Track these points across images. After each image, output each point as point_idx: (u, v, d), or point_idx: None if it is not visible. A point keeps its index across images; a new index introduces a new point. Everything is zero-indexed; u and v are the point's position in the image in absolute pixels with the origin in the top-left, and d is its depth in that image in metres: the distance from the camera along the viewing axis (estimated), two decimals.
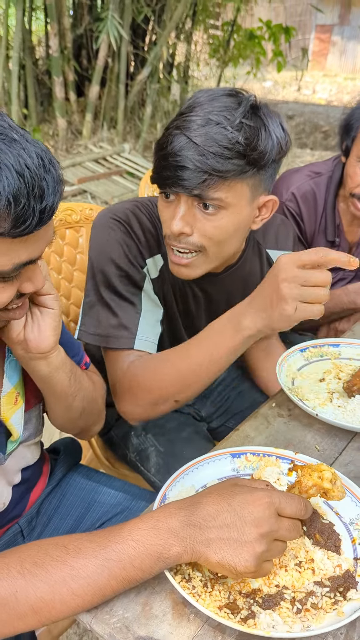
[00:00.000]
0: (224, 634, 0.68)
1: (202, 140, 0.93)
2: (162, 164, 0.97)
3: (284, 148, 1.01)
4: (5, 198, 0.59)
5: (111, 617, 0.69)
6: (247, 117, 0.95)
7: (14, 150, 0.60)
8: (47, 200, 0.62)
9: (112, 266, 1.08)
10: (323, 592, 0.71)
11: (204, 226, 0.99)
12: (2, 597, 0.66)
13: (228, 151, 0.93)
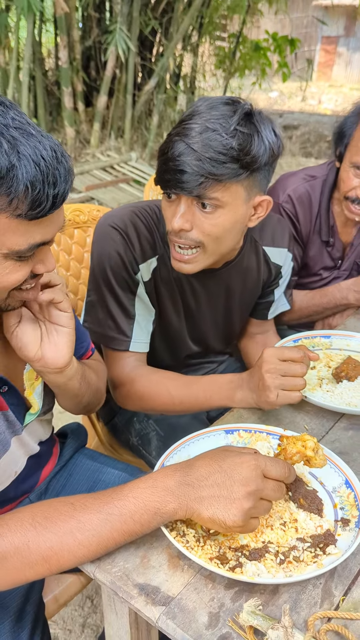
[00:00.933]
0: (214, 582, 0.75)
1: (199, 147, 1.01)
2: (164, 168, 1.05)
3: (276, 152, 1.09)
4: (23, 184, 0.67)
5: (113, 567, 0.77)
6: (241, 124, 1.03)
7: (32, 143, 0.69)
8: (59, 187, 0.71)
9: (110, 275, 1.18)
10: (304, 547, 0.78)
11: (202, 223, 1.07)
12: (15, 547, 0.74)
13: (223, 156, 1.01)
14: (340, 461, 0.92)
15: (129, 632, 0.88)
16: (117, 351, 1.21)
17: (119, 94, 6.57)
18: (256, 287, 1.36)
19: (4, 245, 0.72)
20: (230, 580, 0.75)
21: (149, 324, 1.24)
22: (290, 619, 0.66)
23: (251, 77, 9.24)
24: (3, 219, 0.69)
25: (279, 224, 1.38)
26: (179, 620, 0.70)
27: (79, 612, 1.69)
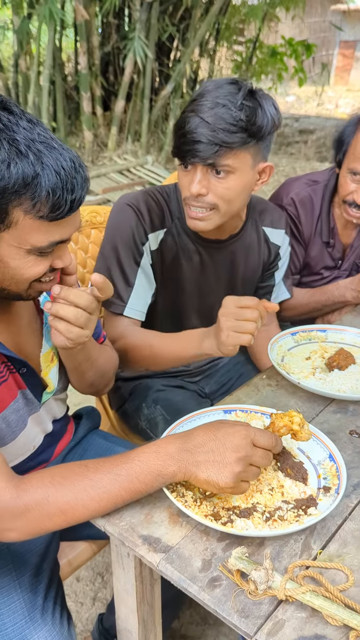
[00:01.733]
0: (208, 535, 0.86)
1: (212, 120, 1.15)
2: (182, 140, 1.19)
3: (277, 123, 1.24)
4: (45, 190, 0.79)
5: (120, 521, 0.88)
6: (247, 99, 1.17)
7: (54, 155, 0.81)
8: (77, 193, 0.83)
9: (118, 244, 1.33)
10: (289, 507, 0.89)
11: (216, 188, 1.21)
12: (36, 500, 0.86)
13: (233, 127, 1.15)
14: (326, 438, 1.03)
15: (134, 585, 0.99)
16: (113, 314, 1.35)
17: (137, 98, 6.72)
18: (257, 265, 1.50)
19: (28, 242, 0.84)
20: (222, 534, 0.86)
21: (148, 296, 1.38)
22: (271, 563, 0.76)
23: (268, 81, 9.34)
24: (27, 220, 0.81)
25: (277, 210, 1.54)
26: (177, 565, 0.81)
27: (90, 587, 1.80)
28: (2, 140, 0.78)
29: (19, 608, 1.02)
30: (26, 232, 0.83)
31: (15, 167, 0.78)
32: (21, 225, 0.82)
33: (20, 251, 0.85)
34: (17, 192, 0.79)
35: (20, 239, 0.83)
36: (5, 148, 0.78)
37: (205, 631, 1.66)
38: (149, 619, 1.07)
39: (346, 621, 0.72)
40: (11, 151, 0.79)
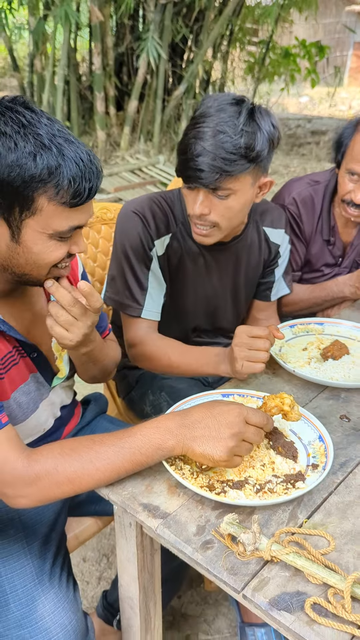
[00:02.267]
0: (203, 505, 0.94)
1: (213, 148, 1.21)
2: (185, 166, 1.26)
3: (275, 141, 1.30)
4: (67, 179, 0.88)
5: (123, 490, 0.96)
6: (246, 124, 1.23)
7: (73, 148, 0.90)
8: (93, 182, 0.92)
9: (129, 251, 1.40)
10: (278, 481, 0.96)
11: (218, 208, 1.29)
12: (46, 470, 0.94)
13: (233, 155, 1.21)
14: (317, 421, 1.10)
15: (135, 554, 1.07)
16: (132, 317, 1.43)
17: (149, 98, 6.81)
18: (258, 263, 1.57)
19: (51, 227, 0.92)
20: (215, 503, 0.93)
21: (160, 297, 1.46)
22: (258, 527, 0.84)
23: (281, 82, 9.39)
24: (51, 206, 0.90)
25: (277, 210, 1.60)
26: (173, 529, 0.89)
27: (95, 567, 1.89)
28: (28, 134, 0.87)
29: (29, 572, 1.10)
30: (49, 217, 0.92)
31: (41, 158, 0.87)
32: (45, 212, 0.90)
33: (43, 236, 0.93)
34: (43, 180, 0.88)
35: (44, 224, 0.92)
36: (31, 142, 0.87)
37: (205, 610, 1.74)
38: (149, 587, 1.15)
39: (325, 579, 0.79)
40: (36, 144, 0.87)
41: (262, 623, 1.58)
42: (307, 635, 0.74)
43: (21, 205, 0.90)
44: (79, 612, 1.09)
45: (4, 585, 1.08)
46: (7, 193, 0.88)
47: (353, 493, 0.97)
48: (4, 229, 0.93)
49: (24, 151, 0.87)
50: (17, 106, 0.89)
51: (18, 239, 0.94)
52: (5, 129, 0.86)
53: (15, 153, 0.87)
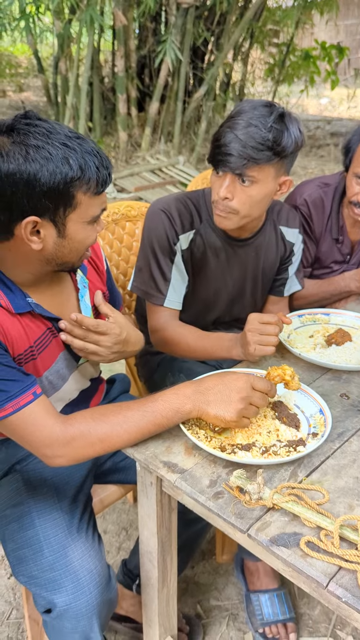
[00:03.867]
0: (216, 463, 1.08)
1: (244, 137, 1.36)
2: (217, 151, 1.40)
3: (299, 144, 1.44)
4: (93, 171, 1.04)
5: (146, 450, 1.11)
6: (276, 122, 1.38)
7: (86, 144, 1.05)
8: (108, 169, 1.08)
9: (155, 245, 1.55)
10: (281, 445, 1.10)
11: (241, 194, 1.42)
12: (80, 431, 1.09)
13: (261, 145, 1.36)
14: (319, 397, 1.23)
15: (155, 511, 1.22)
16: (155, 305, 1.58)
17: (170, 100, 6.96)
18: (275, 260, 1.71)
19: (88, 214, 1.08)
20: (226, 462, 1.08)
21: (182, 288, 1.60)
22: (262, 479, 0.98)
23: (301, 83, 9.47)
24: (86, 198, 1.06)
25: (292, 211, 1.74)
26: (190, 482, 1.03)
27: (115, 539, 2.04)
28: (54, 142, 1.02)
29: (60, 525, 1.25)
30: (86, 207, 1.08)
31: (72, 160, 1.02)
32: (83, 204, 1.06)
33: (83, 224, 1.09)
34: (79, 178, 1.03)
35: (83, 214, 1.08)
36: (60, 148, 1.02)
37: (216, 580, 1.88)
38: (167, 542, 1.29)
39: (318, 523, 0.93)
40: (64, 149, 1.02)
41: (265, 590, 1.72)
42: (301, 566, 0.88)
43: (65, 205, 1.05)
44: (103, 560, 1.24)
45: (39, 535, 1.23)
46: (53, 198, 1.03)
47: (348, 457, 1.11)
48: (51, 229, 1.08)
49: (58, 157, 1.01)
50: (33, 120, 1.04)
51: (64, 234, 1.10)
52: (36, 142, 1.00)
53: (52, 161, 1.01)
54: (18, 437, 1.10)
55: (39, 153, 1.01)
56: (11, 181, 1.00)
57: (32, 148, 1.00)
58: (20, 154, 1.00)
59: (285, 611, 1.68)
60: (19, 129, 1.02)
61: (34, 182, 1.00)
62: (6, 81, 12.29)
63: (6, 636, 1.68)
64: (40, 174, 1.00)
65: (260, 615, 1.68)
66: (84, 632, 1.19)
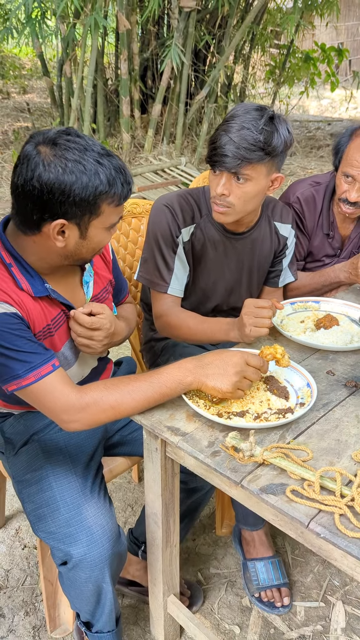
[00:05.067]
0: (213, 428, 1.22)
1: (237, 139, 1.50)
2: (214, 153, 1.55)
3: (289, 143, 1.58)
4: (120, 186, 1.18)
5: (152, 417, 1.25)
6: (266, 125, 1.52)
7: (114, 161, 1.19)
8: (130, 185, 1.22)
9: (159, 238, 1.69)
10: (272, 412, 1.24)
11: (236, 191, 1.57)
12: (94, 399, 1.23)
13: (253, 146, 1.50)
14: (306, 372, 1.38)
15: (159, 474, 1.36)
16: (159, 293, 1.72)
17: (173, 102, 7.10)
18: (269, 253, 1.85)
19: (108, 222, 1.23)
20: (223, 427, 1.22)
21: (184, 277, 1.75)
22: (254, 438, 1.12)
23: (300, 86, 9.61)
24: (110, 208, 1.21)
25: (285, 208, 1.89)
26: (190, 443, 1.18)
27: (121, 514, 2.18)
28: (89, 157, 1.16)
29: (74, 487, 1.39)
30: (108, 216, 1.23)
31: (103, 175, 1.17)
32: (105, 212, 1.21)
33: (102, 230, 1.24)
34: (107, 192, 1.18)
35: (105, 221, 1.23)
36: (93, 162, 1.16)
37: (216, 550, 2.02)
38: (170, 504, 1.43)
39: (302, 475, 1.07)
40: (96, 163, 1.16)
41: (260, 557, 1.86)
42: (286, 509, 1.02)
43: (90, 212, 1.20)
44: (114, 518, 1.38)
45: (56, 495, 1.37)
46: (82, 207, 1.18)
47: (331, 424, 1.25)
48: (74, 231, 1.23)
49: (91, 172, 1.16)
50: (72, 136, 1.18)
51: (85, 236, 1.24)
52: (74, 157, 1.15)
53: (86, 175, 1.16)
54: (39, 403, 1.24)
55: (76, 167, 1.15)
56: (49, 188, 1.14)
57: (71, 162, 1.14)
58: (60, 166, 1.14)
59: (280, 577, 1.82)
60: (60, 143, 1.16)
61: (69, 191, 1.15)
62: (10, 83, 12.46)
63: (21, 600, 1.82)
64: (75, 185, 1.14)
65: (257, 580, 1.82)
66: (96, 581, 1.33)
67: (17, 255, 1.28)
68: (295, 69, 8.91)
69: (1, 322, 1.18)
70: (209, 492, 1.70)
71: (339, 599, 1.85)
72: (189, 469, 1.27)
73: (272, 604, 1.78)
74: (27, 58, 14.23)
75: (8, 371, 1.20)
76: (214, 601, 1.84)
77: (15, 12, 5.80)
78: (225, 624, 1.77)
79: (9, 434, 1.53)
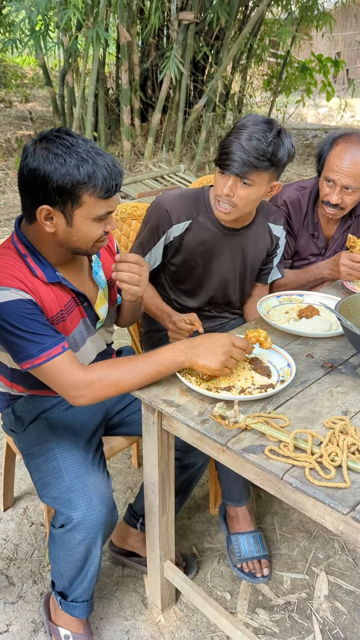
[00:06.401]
0: (203, 401, 1.39)
1: (248, 148, 1.67)
2: (224, 157, 1.71)
3: (292, 156, 1.76)
4: (100, 180, 1.33)
5: (149, 392, 1.42)
6: (275, 138, 1.69)
7: (102, 159, 1.34)
8: (117, 180, 1.37)
9: (147, 229, 1.91)
10: (255, 387, 1.41)
11: (240, 192, 1.74)
12: (98, 376, 1.39)
13: (262, 156, 1.68)
14: (287, 355, 1.54)
15: (156, 445, 1.52)
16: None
17: (172, 111, 7.31)
18: (262, 251, 2.03)
19: (92, 213, 1.38)
20: (212, 400, 1.38)
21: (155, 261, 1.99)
22: (238, 407, 1.28)
23: (297, 95, 9.83)
24: (92, 199, 1.35)
25: (279, 211, 2.08)
26: (183, 413, 1.34)
27: (122, 495, 2.33)
28: (72, 153, 1.32)
29: (77, 459, 1.55)
30: (91, 207, 1.37)
31: (82, 168, 1.32)
32: (88, 203, 1.36)
33: (88, 220, 1.39)
34: (85, 183, 1.33)
35: (88, 212, 1.37)
36: (75, 157, 1.32)
37: (209, 528, 2.18)
38: (166, 474, 1.60)
39: (279, 437, 1.23)
40: (78, 159, 1.32)
41: (243, 532, 2.01)
42: (264, 465, 1.18)
43: (72, 201, 1.35)
44: (110, 490, 1.53)
45: (60, 466, 1.53)
46: (62, 194, 1.34)
47: (307, 398, 1.41)
48: (61, 218, 1.39)
49: (71, 164, 1.32)
50: (62, 134, 1.35)
51: (71, 224, 1.40)
52: (57, 150, 1.31)
53: (65, 167, 1.32)
54: (50, 380, 1.41)
55: (56, 159, 1.31)
56: (33, 175, 1.32)
57: (52, 154, 1.31)
58: (42, 156, 1.31)
59: (260, 549, 1.98)
60: (48, 138, 1.34)
61: (48, 179, 1.31)
62: (12, 92, 12.69)
63: (29, 570, 1.98)
64: (53, 174, 1.31)
65: (239, 553, 1.98)
66: (89, 544, 1.48)
67: (30, 246, 1.45)
68: (292, 78, 9.13)
69: (17, 307, 1.35)
70: (201, 468, 1.86)
71: (323, 570, 2.01)
72: (183, 439, 1.43)
73: (252, 574, 1.93)
74: (29, 67, 14.47)
75: (23, 351, 1.37)
76: (207, 571, 1.99)
77: (19, 25, 5.99)
78: (218, 592, 1.92)
79: (19, 413, 1.69)
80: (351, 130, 2.05)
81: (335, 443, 1.21)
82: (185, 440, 1.43)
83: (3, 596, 1.88)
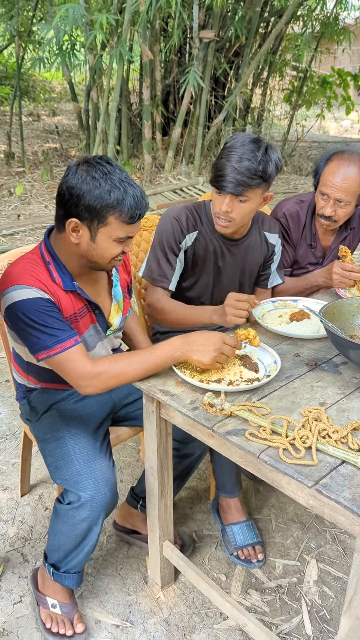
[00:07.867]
0: (195, 391, 1.56)
1: (240, 169, 1.83)
2: (219, 179, 1.88)
3: (279, 168, 1.92)
4: (127, 207, 1.51)
5: (148, 382, 1.59)
6: (263, 155, 1.85)
7: (131, 189, 1.52)
8: (142, 210, 1.55)
9: (164, 242, 2.05)
10: (242, 379, 1.58)
11: (237, 209, 1.91)
12: (104, 368, 1.57)
13: (254, 175, 1.84)
14: (275, 353, 1.70)
15: (155, 432, 1.69)
16: (156, 286, 2.07)
17: (192, 125, 7.53)
18: (259, 258, 2.20)
19: (114, 234, 1.56)
20: (202, 390, 1.55)
21: (178, 275, 2.10)
22: (224, 396, 1.45)
23: (318, 108, 9.99)
24: (117, 222, 1.54)
25: (272, 220, 2.25)
26: (177, 401, 1.51)
27: (125, 482, 2.51)
28: (108, 179, 1.51)
29: (86, 446, 1.73)
30: (114, 229, 1.56)
31: (113, 193, 1.51)
32: (112, 225, 1.54)
33: (109, 240, 1.58)
34: (113, 207, 1.52)
35: (111, 233, 1.56)
36: (109, 183, 1.51)
37: (209, 517, 2.33)
38: (164, 460, 1.77)
39: (259, 422, 1.39)
40: (111, 185, 1.51)
41: (236, 522, 2.16)
42: (244, 445, 1.34)
43: (99, 220, 1.54)
44: (115, 475, 1.71)
45: (70, 451, 1.71)
46: (91, 212, 1.52)
47: (289, 390, 1.57)
48: (86, 233, 1.57)
49: (104, 189, 1.51)
50: (102, 162, 1.54)
51: (94, 240, 1.59)
52: (95, 174, 1.51)
53: (99, 189, 1.51)
54: (61, 370, 1.60)
55: (92, 181, 1.50)
56: (70, 191, 1.51)
57: (90, 176, 1.50)
58: (81, 177, 1.51)
59: (253, 537, 2.13)
60: (90, 162, 1.54)
61: (82, 197, 1.50)
62: (40, 106, 13.11)
63: (42, 549, 2.16)
64: (87, 194, 1.50)
65: (234, 542, 2.13)
66: (91, 522, 1.65)
67: (55, 255, 1.64)
68: (312, 92, 9.30)
69: (37, 304, 1.54)
70: (198, 458, 2.03)
71: (314, 558, 2.15)
72: (178, 425, 1.60)
73: (248, 560, 2.08)
74: (57, 82, 14.92)
75: (39, 342, 1.56)
76: (205, 555, 2.15)
77: (47, 45, 6.29)
78: (214, 573, 2.08)
79: (33, 404, 1.88)
80: (345, 148, 2.20)
81: (308, 428, 1.36)
82: (180, 427, 1.60)
83: (18, 571, 2.06)
